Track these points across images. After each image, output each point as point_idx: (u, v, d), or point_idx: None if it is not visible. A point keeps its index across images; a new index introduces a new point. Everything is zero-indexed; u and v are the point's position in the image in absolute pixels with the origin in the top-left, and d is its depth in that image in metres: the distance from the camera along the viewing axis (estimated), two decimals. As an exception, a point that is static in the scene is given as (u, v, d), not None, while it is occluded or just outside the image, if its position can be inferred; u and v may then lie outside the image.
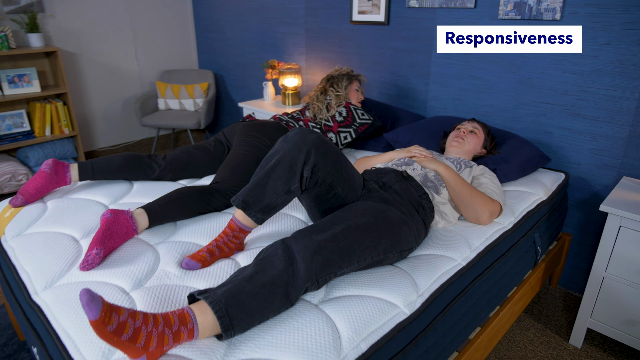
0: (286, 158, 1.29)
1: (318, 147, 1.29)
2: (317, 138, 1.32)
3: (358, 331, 1.05)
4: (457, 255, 1.39)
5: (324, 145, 1.32)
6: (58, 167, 1.73)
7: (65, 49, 3.38)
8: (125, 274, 1.25)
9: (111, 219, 1.36)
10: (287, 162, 1.29)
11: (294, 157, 1.28)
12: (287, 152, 1.29)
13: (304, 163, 1.28)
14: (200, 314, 0.99)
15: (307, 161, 1.28)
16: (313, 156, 1.28)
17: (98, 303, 0.86)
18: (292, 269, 1.09)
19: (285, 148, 1.30)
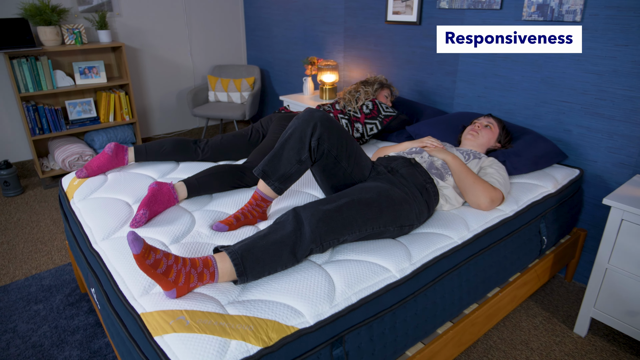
0: (297, 131, 1.51)
1: (323, 122, 1.50)
2: (323, 114, 1.53)
3: (351, 286, 1.24)
4: (454, 235, 1.54)
5: (329, 121, 1.52)
6: (118, 150, 2.03)
7: (129, 44, 3.77)
8: (166, 232, 1.51)
9: (156, 188, 1.63)
10: (297, 134, 1.50)
11: (303, 130, 1.50)
12: (298, 127, 1.51)
13: (312, 134, 1.49)
14: (220, 261, 1.22)
15: (314, 133, 1.49)
16: (319, 128, 1.49)
17: (140, 242, 1.10)
18: (300, 232, 1.29)
19: (297, 124, 1.53)
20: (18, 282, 2.28)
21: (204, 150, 2.15)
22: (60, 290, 2.22)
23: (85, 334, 1.92)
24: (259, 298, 1.18)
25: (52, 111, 3.33)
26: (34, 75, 3.19)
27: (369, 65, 3.15)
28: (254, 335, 1.06)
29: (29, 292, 2.21)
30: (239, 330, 1.06)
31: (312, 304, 1.16)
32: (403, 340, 1.35)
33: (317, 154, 1.53)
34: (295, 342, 1.08)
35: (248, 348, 1.03)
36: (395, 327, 1.32)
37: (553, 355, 1.83)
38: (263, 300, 1.17)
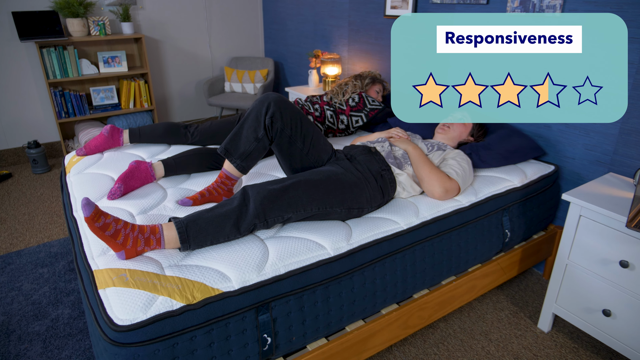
0: (254, 111, 1.65)
1: (276, 101, 1.63)
2: (278, 96, 1.65)
3: (282, 259, 1.34)
4: (402, 220, 1.60)
5: (282, 101, 1.64)
6: (114, 131, 2.22)
7: (150, 36, 4.00)
8: (137, 204, 1.67)
9: (134, 166, 1.80)
10: (254, 114, 1.64)
11: (259, 109, 1.63)
12: (255, 107, 1.65)
13: (266, 113, 1.62)
14: (167, 229, 1.36)
15: (268, 111, 1.62)
16: (272, 107, 1.62)
17: (91, 207, 1.26)
18: (245, 208, 1.41)
19: (254, 104, 1.67)
20: (30, 249, 2.54)
21: (193, 134, 2.31)
22: (65, 257, 2.45)
23: (78, 296, 2.13)
24: (197, 264, 1.31)
25: (77, 97, 3.61)
26: (62, 63, 3.47)
27: (370, 59, 3.21)
28: (180, 293, 1.19)
29: (37, 257, 2.46)
30: (167, 288, 1.19)
31: (240, 271, 1.27)
32: (338, 314, 1.44)
33: (272, 132, 1.64)
34: (217, 302, 1.20)
35: (172, 304, 1.16)
36: (328, 300, 1.41)
37: (510, 347, 1.85)
38: (199, 266, 1.30)
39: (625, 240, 1.56)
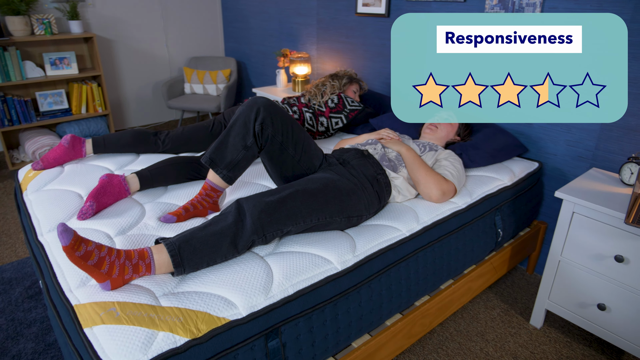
0: (241, 117, 1.51)
1: (266, 107, 1.51)
2: (267, 100, 1.53)
3: (289, 277, 1.24)
4: (403, 227, 1.54)
5: (272, 106, 1.53)
6: (75, 141, 2.01)
7: (102, 35, 3.72)
8: (113, 223, 1.49)
9: (106, 180, 1.62)
10: (242, 120, 1.51)
11: (247, 115, 1.51)
12: (242, 112, 1.52)
13: (255, 119, 1.50)
14: (157, 252, 1.21)
15: (257, 117, 1.50)
16: (262, 112, 1.50)
17: (70, 233, 1.09)
18: (242, 223, 1.29)
19: (241, 110, 1.54)
20: (-22, 275, 2.26)
21: (164, 141, 2.13)
22: (20, 283, 2.20)
23: (41, 327, 1.90)
24: (195, 290, 1.18)
25: (22, 102, 3.28)
26: (2, 65, 3.14)
27: (341, 58, 3.14)
28: (183, 326, 1.05)
29: (-12, 284, 2.19)
30: (168, 322, 1.06)
31: (246, 296, 1.16)
32: (346, 331, 1.36)
33: (262, 139, 1.53)
34: (225, 333, 1.08)
35: (175, 339, 1.03)
36: (337, 318, 1.32)
37: (507, 346, 1.85)
38: (198, 292, 1.17)
39: (620, 236, 1.58)
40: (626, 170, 1.75)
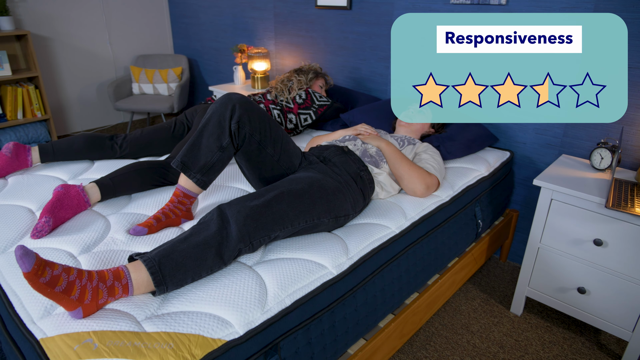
0: (215, 115, 1.39)
1: (242, 104, 1.39)
2: (242, 97, 1.42)
3: (284, 288, 1.14)
4: (392, 224, 1.48)
5: (248, 103, 1.42)
6: (19, 150, 1.79)
7: (36, 32, 3.39)
8: (75, 240, 1.32)
9: (62, 192, 1.43)
10: (216, 119, 1.38)
11: (222, 113, 1.38)
12: (216, 111, 1.40)
13: (231, 117, 1.38)
14: (134, 271, 1.07)
15: (233, 115, 1.38)
16: (237, 110, 1.38)
17: (31, 257, 0.93)
18: (226, 231, 1.18)
19: (214, 108, 1.41)
20: None
21: (121, 146, 1.95)
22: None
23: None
24: (182, 310, 1.06)
25: (-55, 109, 2.92)
26: None
27: (301, 52, 3.05)
28: (175, 353, 0.93)
29: None
30: (157, 350, 0.93)
31: (241, 312, 1.05)
32: (343, 338, 1.28)
33: (239, 138, 1.41)
34: (223, 356, 0.97)
35: (167, 369, 0.91)
36: (334, 326, 1.24)
37: (492, 336, 1.85)
38: (186, 312, 1.04)
39: (598, 220, 1.62)
40: (596, 156, 1.79)
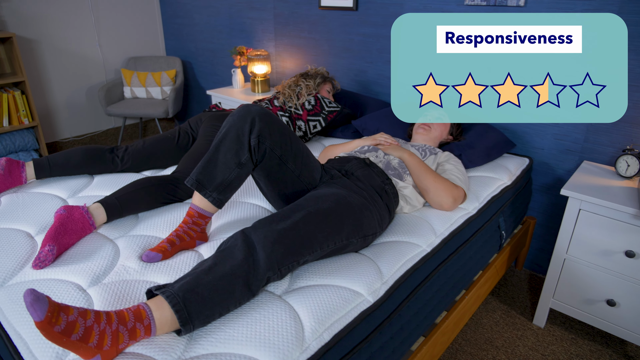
0: (233, 129, 1.29)
1: (262, 116, 1.29)
2: (261, 109, 1.32)
3: (321, 321, 1.04)
4: (422, 242, 1.40)
5: (268, 115, 1.32)
6: (12, 166, 1.66)
7: (22, 34, 3.21)
8: (82, 270, 1.21)
9: (65, 215, 1.31)
10: (233, 133, 1.28)
11: (240, 127, 1.28)
12: (234, 124, 1.29)
13: (250, 131, 1.28)
14: (156, 309, 0.96)
15: (253, 129, 1.28)
16: (257, 123, 1.28)
17: (44, 303, 0.82)
18: (252, 259, 1.07)
19: (232, 121, 1.30)
20: None
21: (123, 159, 1.83)
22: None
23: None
24: (212, 351, 0.95)
25: None
26: None
27: (303, 54, 2.94)
28: (211, 407, 0.83)
29: None
30: (190, 404, 0.83)
31: (278, 352, 0.95)
32: (379, 370, 1.19)
33: (259, 154, 1.31)
34: (262, 406, 0.87)
35: None
36: (371, 358, 1.15)
37: (518, 351, 1.79)
38: (217, 355, 0.94)
39: (630, 231, 1.56)
40: (622, 163, 1.73)
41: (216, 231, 1.43)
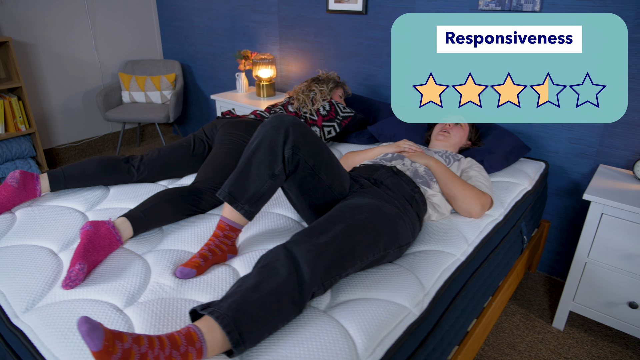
0: (266, 140, 1.26)
1: (296, 127, 1.27)
2: (294, 119, 1.30)
3: (372, 337, 1.03)
4: (456, 250, 1.39)
5: (301, 125, 1.30)
6: (27, 179, 1.60)
7: (17, 39, 3.12)
8: (116, 289, 1.17)
9: (92, 231, 1.27)
10: (267, 144, 1.26)
11: (274, 137, 1.25)
12: (266, 135, 1.26)
13: (284, 142, 1.25)
14: (207, 331, 0.93)
15: (287, 140, 1.25)
16: (292, 134, 1.26)
17: (99, 332, 0.79)
18: (297, 275, 1.05)
19: (264, 131, 1.28)
20: None
21: (139, 169, 1.78)
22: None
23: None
24: (266, 373, 0.93)
25: None
26: None
27: (309, 58, 2.92)
28: None
29: None
30: None
31: (335, 372, 0.93)
32: (423, 384, 1.18)
33: (292, 165, 1.29)
34: None
35: None
36: (416, 372, 1.13)
37: (541, 355, 1.79)
38: (272, 376, 0.92)
39: (654, 235, 1.57)
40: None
41: (245, 244, 1.40)
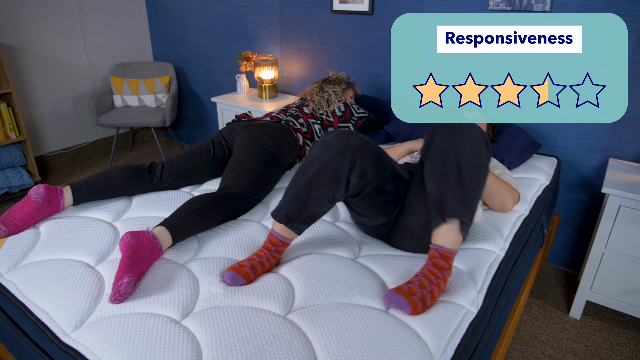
0: (329, 165, 1.22)
1: (362, 151, 1.24)
2: (360, 140, 1.26)
3: (440, 336, 1.03)
4: (494, 247, 1.42)
5: (366, 147, 1.27)
6: (51, 194, 1.54)
7: (4, 42, 2.98)
8: (167, 301, 1.14)
9: (133, 242, 1.23)
10: (330, 169, 1.22)
11: (338, 164, 1.22)
12: (330, 160, 1.22)
13: (350, 170, 1.23)
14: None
15: (354, 167, 1.23)
16: (358, 161, 1.23)
17: (405, 305, 1.05)
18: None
19: (327, 155, 1.23)
20: None
21: (162, 177, 1.74)
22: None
23: None
24: None
25: None
26: None
27: (311, 59, 2.91)
28: None
29: None
30: None
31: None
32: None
33: (357, 189, 1.27)
34: None
35: None
36: (475, 369, 1.15)
37: (563, 344, 1.85)
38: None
39: (672, 224, 1.65)
40: (652, 160, 1.83)
41: (289, 250, 1.39)
